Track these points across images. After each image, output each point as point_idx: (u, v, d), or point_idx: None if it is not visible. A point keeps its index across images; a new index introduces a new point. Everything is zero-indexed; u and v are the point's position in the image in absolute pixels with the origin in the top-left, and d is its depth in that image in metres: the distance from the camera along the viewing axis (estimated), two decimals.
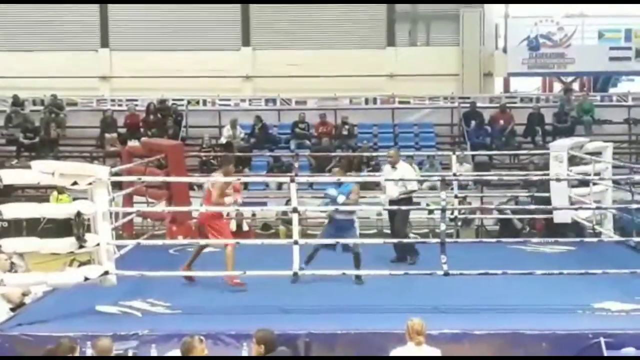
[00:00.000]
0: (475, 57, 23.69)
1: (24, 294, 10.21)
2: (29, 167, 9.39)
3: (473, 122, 21.88)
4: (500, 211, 16.22)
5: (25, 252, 10.42)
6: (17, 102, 22.62)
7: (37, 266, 11.27)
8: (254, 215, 18.27)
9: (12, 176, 9.28)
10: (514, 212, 15.87)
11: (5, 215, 8.74)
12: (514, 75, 24.64)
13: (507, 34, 23.87)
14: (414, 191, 12.27)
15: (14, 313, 9.54)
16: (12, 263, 10.24)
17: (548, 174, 13.68)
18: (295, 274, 9.78)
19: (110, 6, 24.00)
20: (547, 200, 13.60)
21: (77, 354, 7.64)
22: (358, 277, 10.57)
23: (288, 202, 10.72)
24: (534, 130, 21.70)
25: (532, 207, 14.84)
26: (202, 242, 10.63)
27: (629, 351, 8.28)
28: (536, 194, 15.04)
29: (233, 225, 15.54)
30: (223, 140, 21.54)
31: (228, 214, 13.31)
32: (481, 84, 23.86)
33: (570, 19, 23.42)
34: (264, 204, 17.90)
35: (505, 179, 16.85)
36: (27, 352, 7.76)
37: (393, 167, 12.20)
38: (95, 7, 23.99)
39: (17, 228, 14.87)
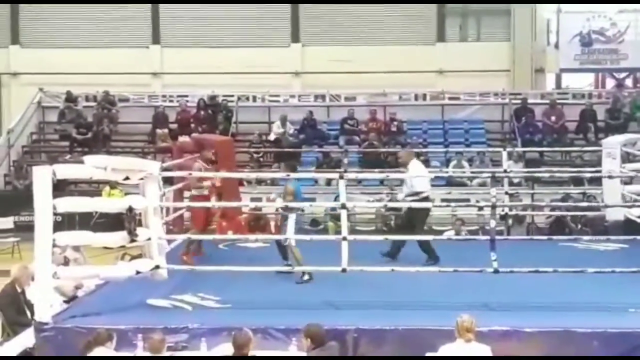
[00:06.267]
0: (527, 52, 23.45)
1: (77, 287, 10.38)
2: (82, 162, 9.53)
3: (524, 119, 21.67)
4: (553, 209, 16.01)
5: (80, 245, 10.59)
6: (70, 98, 22.95)
7: (89, 260, 11.43)
8: (302, 211, 18.23)
9: (65, 171, 9.41)
10: (568, 212, 15.63)
11: (59, 209, 8.84)
12: (566, 72, 24.36)
13: (559, 30, 23.60)
14: None
15: (67, 306, 9.68)
16: (65, 257, 10.38)
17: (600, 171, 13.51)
18: (344, 269, 9.77)
19: (161, 3, 24.25)
20: None
21: (113, 343, 7.76)
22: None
23: (337, 198, 10.67)
24: (587, 126, 21.43)
25: (585, 204, 14.65)
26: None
27: None
28: None
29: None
30: (272, 136, 21.65)
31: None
32: (532, 80, 23.59)
33: (624, 14, 23.08)
34: (313, 199, 17.88)
35: (557, 176, 16.64)
36: (79, 345, 7.87)
37: None
38: (146, 5, 24.30)
39: (70, 222, 15.05)
